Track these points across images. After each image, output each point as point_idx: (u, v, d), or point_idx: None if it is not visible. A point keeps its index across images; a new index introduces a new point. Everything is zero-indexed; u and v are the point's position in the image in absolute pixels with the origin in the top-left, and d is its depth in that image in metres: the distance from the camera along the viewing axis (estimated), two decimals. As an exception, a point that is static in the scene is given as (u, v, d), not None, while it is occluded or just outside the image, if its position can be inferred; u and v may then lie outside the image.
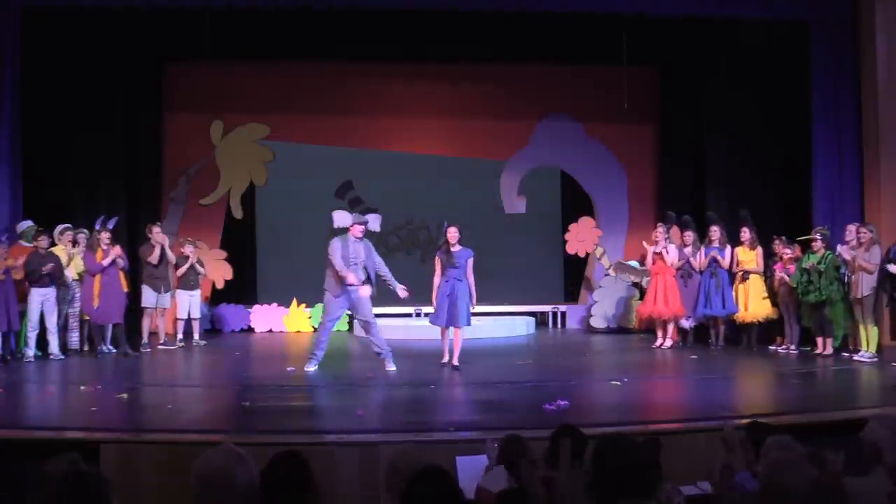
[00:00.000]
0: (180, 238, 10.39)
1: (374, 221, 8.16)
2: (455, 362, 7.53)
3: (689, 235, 9.43)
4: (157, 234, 9.26)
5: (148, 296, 9.23)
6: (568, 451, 2.70)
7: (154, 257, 9.13)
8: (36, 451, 4.04)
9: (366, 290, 7.43)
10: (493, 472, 3.22)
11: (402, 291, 7.60)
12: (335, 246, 7.41)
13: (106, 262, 8.54)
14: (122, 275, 8.80)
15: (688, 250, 9.37)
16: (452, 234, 7.62)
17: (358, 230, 7.47)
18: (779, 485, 2.13)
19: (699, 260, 9.27)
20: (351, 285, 7.29)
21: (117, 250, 8.68)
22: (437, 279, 7.73)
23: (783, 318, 8.78)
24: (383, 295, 11.83)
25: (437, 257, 7.79)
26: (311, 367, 7.41)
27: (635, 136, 11.88)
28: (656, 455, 2.97)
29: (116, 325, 8.74)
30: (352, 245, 7.43)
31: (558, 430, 3.26)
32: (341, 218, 7.86)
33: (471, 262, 7.64)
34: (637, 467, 2.51)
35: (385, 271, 7.66)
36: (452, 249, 7.61)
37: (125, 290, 8.89)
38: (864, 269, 7.85)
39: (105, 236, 8.63)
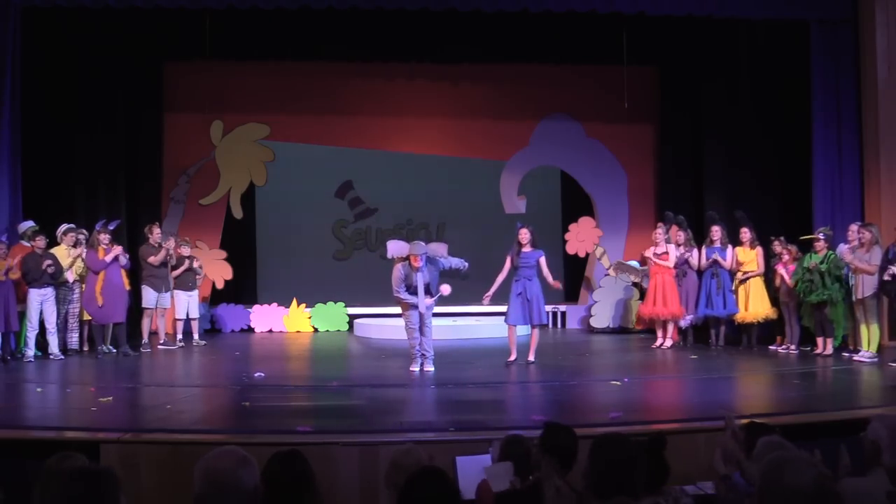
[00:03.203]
0: (178, 239, 10.40)
1: (439, 249, 7.77)
2: (531, 357, 7.75)
3: (681, 235, 9.43)
4: (158, 236, 9.28)
5: (148, 296, 9.23)
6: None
7: (156, 260, 9.14)
8: (36, 451, 4.04)
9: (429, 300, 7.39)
10: (498, 465, 3.20)
11: (459, 263, 7.63)
12: (397, 275, 7.30)
13: (108, 258, 8.53)
14: (124, 273, 8.81)
15: (680, 249, 9.37)
16: (524, 235, 7.77)
17: (417, 262, 7.22)
18: (779, 485, 2.13)
19: (695, 259, 9.29)
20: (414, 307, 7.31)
21: (118, 249, 8.68)
22: (500, 276, 7.90)
23: (783, 318, 8.78)
24: (383, 295, 11.88)
25: (508, 256, 7.91)
26: (430, 367, 7.39)
27: (635, 136, 11.87)
28: (661, 452, 2.97)
29: (117, 325, 8.74)
30: (414, 273, 7.26)
31: (548, 429, 3.25)
32: (397, 248, 7.52)
33: (543, 260, 7.80)
34: (634, 465, 2.51)
35: (455, 261, 7.60)
36: (523, 250, 7.76)
37: (127, 288, 8.90)
38: (863, 270, 7.85)
39: (104, 237, 8.62)
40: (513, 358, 7.79)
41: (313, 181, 12.36)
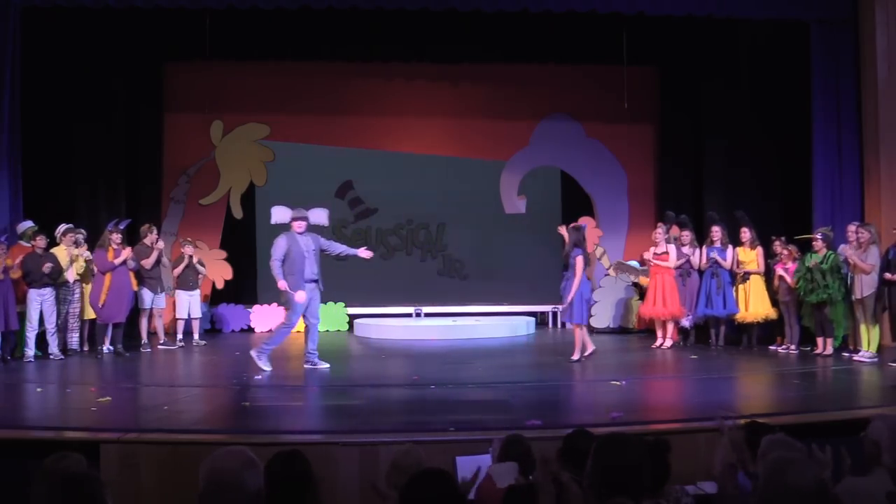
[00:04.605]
0: (180, 238, 10.39)
1: (321, 215, 7.88)
2: (574, 356, 7.92)
3: (687, 235, 9.43)
4: (155, 236, 9.29)
5: (145, 296, 9.24)
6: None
7: (149, 262, 9.14)
8: (36, 451, 4.03)
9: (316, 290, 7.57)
10: (502, 465, 3.19)
11: (364, 252, 7.80)
12: (279, 244, 7.41)
13: (118, 261, 8.54)
14: (132, 274, 8.84)
15: (686, 249, 9.37)
16: (564, 232, 7.96)
17: (298, 226, 7.48)
18: (781, 484, 2.13)
19: (697, 258, 9.29)
20: (284, 291, 7.41)
21: (129, 252, 8.70)
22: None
23: (783, 318, 8.78)
24: (383, 295, 11.87)
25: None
26: (266, 365, 7.42)
27: (635, 136, 11.87)
28: (665, 455, 2.96)
29: (117, 325, 8.74)
30: (300, 239, 7.46)
31: (574, 434, 3.23)
32: (280, 214, 7.67)
33: (579, 259, 7.81)
34: (638, 466, 2.51)
35: (340, 248, 7.86)
36: (567, 250, 7.90)
37: (134, 289, 8.92)
38: (861, 270, 7.86)
39: (116, 237, 8.62)
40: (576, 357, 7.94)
41: (313, 181, 12.33)
